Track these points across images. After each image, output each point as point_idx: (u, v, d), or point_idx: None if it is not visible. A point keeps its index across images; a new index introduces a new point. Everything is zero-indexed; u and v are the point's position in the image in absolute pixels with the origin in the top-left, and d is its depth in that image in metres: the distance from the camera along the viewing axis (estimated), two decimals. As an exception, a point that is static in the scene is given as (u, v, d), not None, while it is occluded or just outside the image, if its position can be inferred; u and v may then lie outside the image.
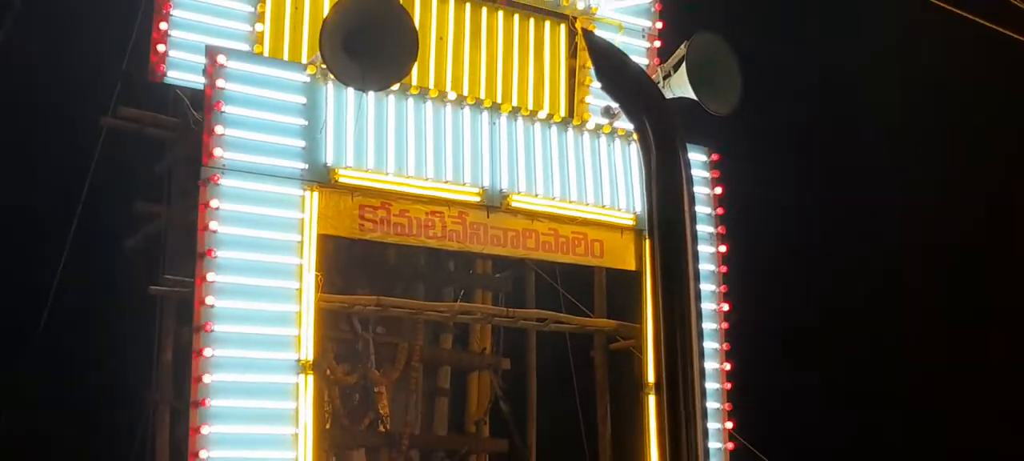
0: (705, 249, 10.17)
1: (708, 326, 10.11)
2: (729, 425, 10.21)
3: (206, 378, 7.89)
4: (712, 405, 9.87)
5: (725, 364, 10.31)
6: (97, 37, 11.04)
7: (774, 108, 15.15)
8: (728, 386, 10.29)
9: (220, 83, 8.40)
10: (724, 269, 10.50)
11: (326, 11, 8.96)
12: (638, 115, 3.92)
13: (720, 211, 10.60)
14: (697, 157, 10.53)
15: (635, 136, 6.15)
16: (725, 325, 10.40)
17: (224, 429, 7.91)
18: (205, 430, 7.82)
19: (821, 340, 16.28)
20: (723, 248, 10.51)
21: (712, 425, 9.77)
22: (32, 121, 11.67)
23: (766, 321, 13.66)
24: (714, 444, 9.86)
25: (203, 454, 7.79)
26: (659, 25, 11.19)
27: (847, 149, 17.09)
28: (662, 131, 3.81)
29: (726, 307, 10.47)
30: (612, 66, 4.27)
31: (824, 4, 16.00)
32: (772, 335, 14.45)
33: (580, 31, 10.70)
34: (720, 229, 10.56)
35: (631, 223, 10.01)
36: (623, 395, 10.71)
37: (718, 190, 10.63)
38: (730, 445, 10.19)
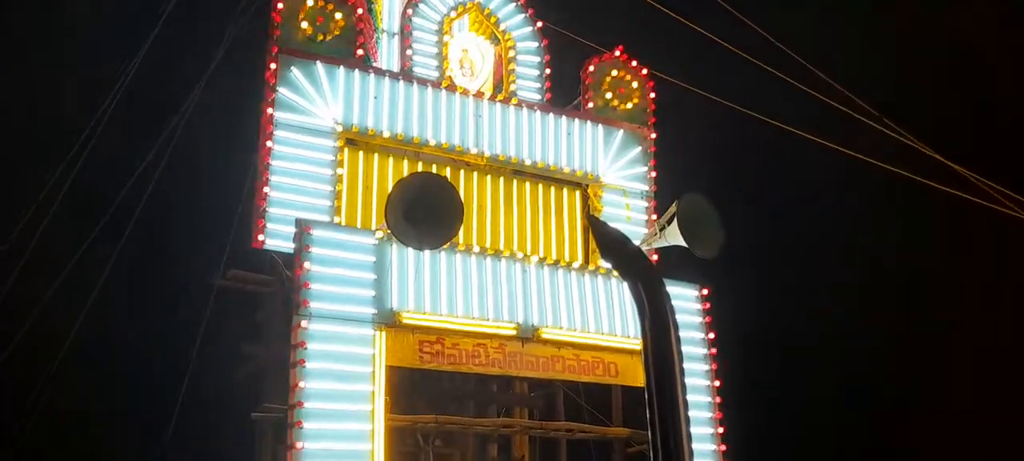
0: (698, 367, 9.68)
1: (704, 431, 9.53)
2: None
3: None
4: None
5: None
6: (209, 216, 11.35)
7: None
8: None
9: (307, 248, 8.19)
10: (717, 383, 9.89)
11: (390, 187, 8.79)
12: (634, 283, 3.87)
13: (712, 335, 10.01)
14: (689, 292, 10.08)
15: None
16: (720, 430, 9.77)
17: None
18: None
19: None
20: (714, 366, 9.96)
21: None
22: (162, 284, 11.94)
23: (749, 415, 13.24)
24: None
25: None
26: (654, 189, 10.80)
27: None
28: (652, 293, 3.77)
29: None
30: (613, 245, 4.25)
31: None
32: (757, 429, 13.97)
33: (588, 218, 10.32)
34: (712, 351, 10.00)
35: (639, 347, 9.49)
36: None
37: (708, 319, 10.08)
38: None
